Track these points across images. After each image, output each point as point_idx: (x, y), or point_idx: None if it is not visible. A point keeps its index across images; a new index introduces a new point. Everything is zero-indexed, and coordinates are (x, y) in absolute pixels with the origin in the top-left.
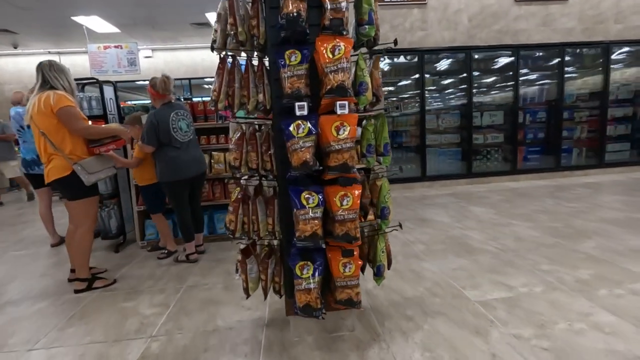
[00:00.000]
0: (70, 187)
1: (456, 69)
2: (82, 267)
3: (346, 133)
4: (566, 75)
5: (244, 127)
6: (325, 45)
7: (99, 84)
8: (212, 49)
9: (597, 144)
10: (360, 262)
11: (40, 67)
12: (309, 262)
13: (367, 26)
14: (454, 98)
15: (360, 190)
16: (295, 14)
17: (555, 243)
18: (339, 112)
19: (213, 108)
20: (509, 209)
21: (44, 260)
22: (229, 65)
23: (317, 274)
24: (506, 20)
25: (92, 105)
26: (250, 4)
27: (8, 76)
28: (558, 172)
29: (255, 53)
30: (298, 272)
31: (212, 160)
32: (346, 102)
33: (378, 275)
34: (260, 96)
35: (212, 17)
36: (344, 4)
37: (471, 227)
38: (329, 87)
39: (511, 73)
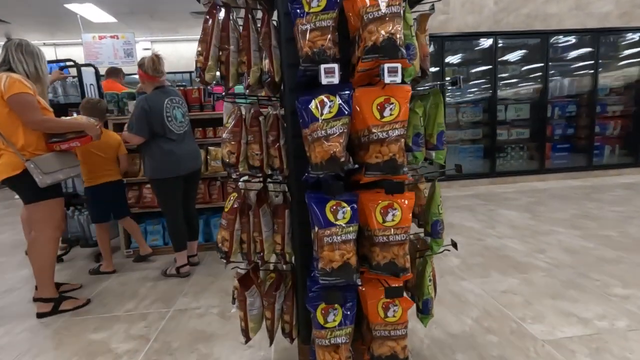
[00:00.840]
0: (23, 188)
1: (479, 57)
2: (45, 285)
3: (395, 114)
4: (600, 68)
5: (242, 109)
6: None
7: (77, 67)
8: None
9: (633, 141)
10: (409, 305)
11: (6, 45)
12: (336, 306)
13: None
14: (477, 90)
15: (412, 200)
16: None
17: (618, 257)
18: (387, 79)
19: (198, 79)
20: (545, 213)
21: (13, 272)
22: (221, 18)
23: (347, 322)
24: (535, 4)
25: (69, 92)
26: None
27: None
28: (589, 171)
29: (258, 3)
30: (320, 320)
31: (208, 157)
32: (398, 66)
33: (425, 312)
34: (266, 63)
35: None
36: None
37: (507, 234)
38: (370, 43)
39: (540, 63)
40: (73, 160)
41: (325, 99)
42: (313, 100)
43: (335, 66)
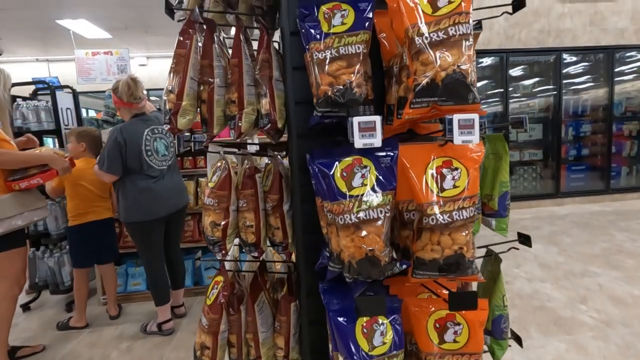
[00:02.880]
0: None
1: (489, 75)
2: None
3: (461, 185)
4: (616, 85)
5: (230, 163)
6: None
7: (51, 91)
8: (170, 11)
9: None
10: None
11: None
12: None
13: None
14: (486, 109)
15: (486, 311)
16: None
17: None
18: (459, 139)
19: (167, 126)
20: (573, 247)
21: None
22: (199, 42)
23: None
24: (548, 19)
25: (42, 118)
26: None
27: None
28: (608, 194)
29: (255, 19)
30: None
31: (198, 189)
32: (474, 118)
33: None
34: (265, 102)
35: None
36: None
37: (538, 276)
38: (425, 80)
39: (553, 81)
40: (36, 201)
41: (356, 164)
42: (336, 166)
43: (377, 120)
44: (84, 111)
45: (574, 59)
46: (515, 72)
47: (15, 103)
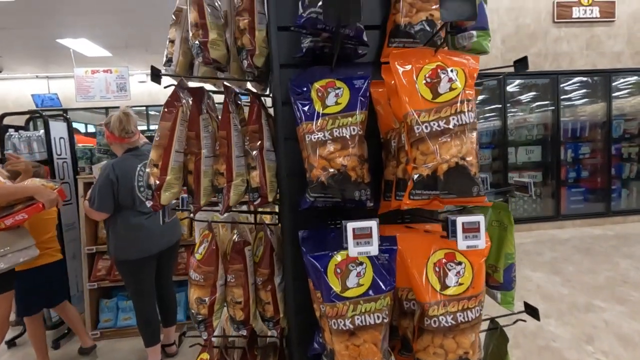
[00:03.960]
0: None
1: (487, 97)
2: None
3: (465, 282)
4: (614, 108)
5: (218, 234)
6: (410, 66)
7: (44, 120)
8: (156, 76)
9: None
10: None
11: None
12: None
13: (474, 32)
14: (484, 132)
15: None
16: None
17: None
18: (463, 244)
19: (150, 202)
20: (576, 276)
21: None
22: (187, 109)
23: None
24: (545, 43)
25: (34, 148)
26: None
27: None
28: (609, 217)
29: (248, 85)
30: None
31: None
32: (479, 220)
33: None
34: (255, 174)
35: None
36: None
37: (541, 309)
38: (425, 172)
39: (551, 100)
40: (23, 240)
41: (352, 261)
42: (330, 261)
43: (373, 225)
44: (82, 126)
45: (571, 80)
46: (513, 88)
47: (7, 133)
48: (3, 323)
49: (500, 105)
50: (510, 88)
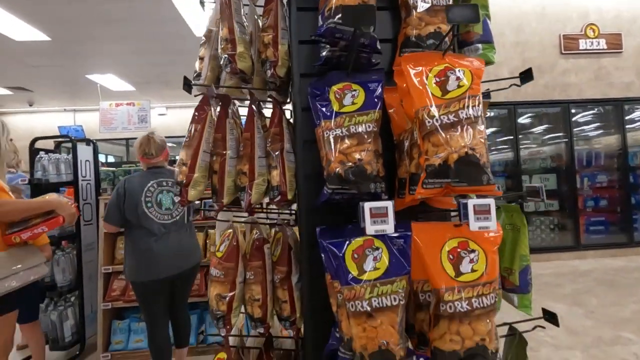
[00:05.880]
0: None
1: (498, 126)
2: None
3: (479, 269)
4: (628, 135)
5: (239, 229)
6: (421, 68)
7: (72, 145)
8: (188, 87)
9: None
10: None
11: None
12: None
13: (480, 45)
14: (497, 161)
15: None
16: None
17: None
18: (475, 225)
19: (178, 198)
20: (600, 308)
21: None
22: (214, 115)
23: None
24: (552, 75)
25: (61, 170)
26: (261, 16)
27: (21, 132)
28: (631, 247)
29: (269, 94)
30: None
31: (207, 241)
32: (490, 203)
33: None
34: (276, 174)
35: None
36: None
37: (565, 343)
38: (437, 162)
39: (563, 130)
40: (34, 257)
41: (368, 246)
42: (347, 246)
43: (389, 205)
44: (103, 157)
45: (583, 112)
46: (525, 120)
47: (37, 156)
48: (7, 346)
49: (512, 137)
50: (521, 120)
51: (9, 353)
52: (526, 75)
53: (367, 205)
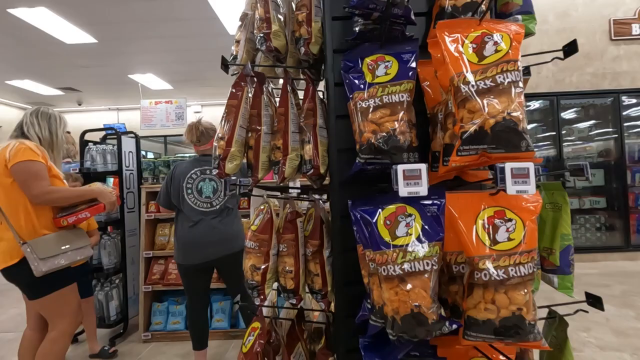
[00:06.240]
0: (23, 281)
1: (539, 118)
2: None
3: (516, 237)
4: None
5: (273, 207)
6: (457, 35)
7: (117, 136)
8: (225, 67)
9: None
10: None
11: (26, 111)
12: None
13: (519, 16)
14: (538, 153)
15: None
16: None
17: None
18: (512, 189)
19: (216, 171)
20: None
21: None
22: (249, 93)
23: None
24: (602, 62)
25: (107, 160)
26: None
27: (71, 130)
28: None
29: (301, 71)
30: None
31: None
32: (529, 167)
33: None
34: (309, 149)
35: None
36: None
37: (612, 344)
38: (473, 127)
39: (612, 124)
40: (81, 240)
41: (400, 213)
42: (379, 213)
43: (422, 168)
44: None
45: (635, 100)
46: (569, 114)
47: (87, 147)
48: (77, 313)
49: (554, 132)
50: (565, 115)
51: (80, 322)
52: (570, 48)
53: (401, 168)
